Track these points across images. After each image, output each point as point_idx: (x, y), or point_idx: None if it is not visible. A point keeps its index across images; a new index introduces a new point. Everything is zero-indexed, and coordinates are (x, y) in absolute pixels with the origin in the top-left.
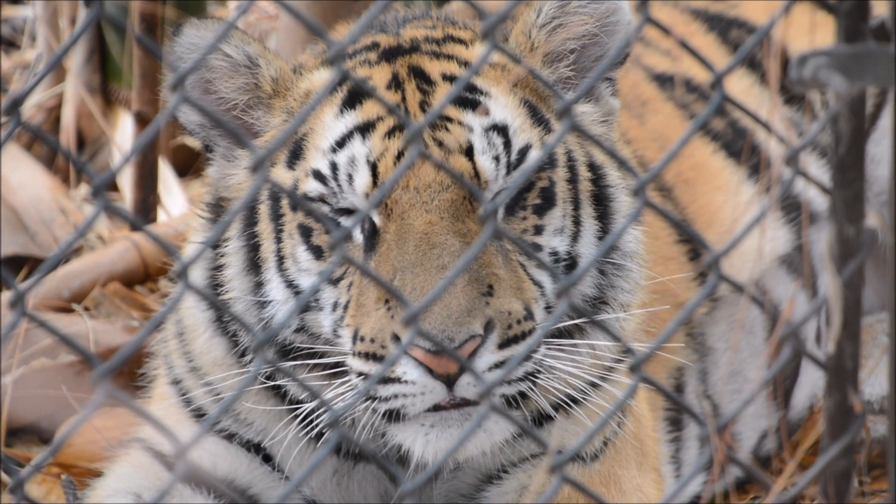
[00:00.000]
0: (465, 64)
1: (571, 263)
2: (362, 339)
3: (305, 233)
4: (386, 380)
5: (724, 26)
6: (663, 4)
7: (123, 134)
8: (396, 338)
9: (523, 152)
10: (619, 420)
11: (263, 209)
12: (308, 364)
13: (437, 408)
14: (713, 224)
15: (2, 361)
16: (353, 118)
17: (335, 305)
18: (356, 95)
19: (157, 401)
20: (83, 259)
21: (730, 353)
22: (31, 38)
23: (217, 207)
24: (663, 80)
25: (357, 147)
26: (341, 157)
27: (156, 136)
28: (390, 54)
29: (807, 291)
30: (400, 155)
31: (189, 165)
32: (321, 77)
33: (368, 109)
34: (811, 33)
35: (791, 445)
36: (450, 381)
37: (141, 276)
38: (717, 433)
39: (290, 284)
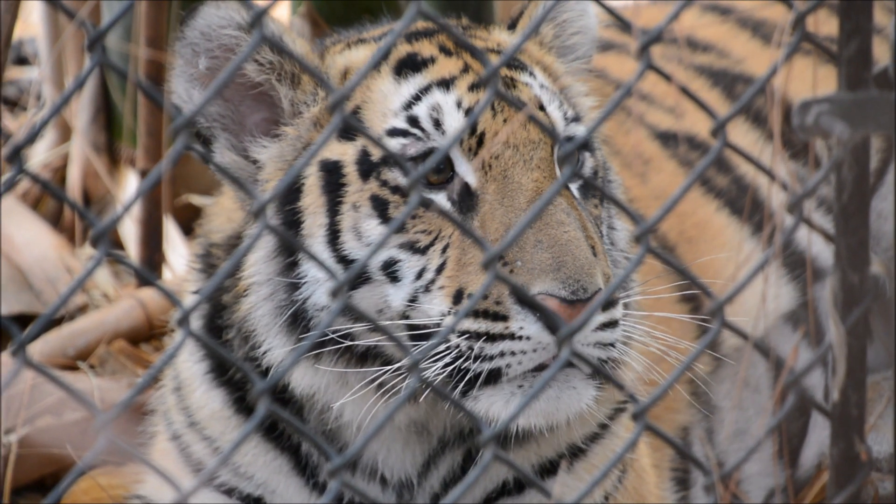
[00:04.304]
0: (496, 45)
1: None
2: (470, 297)
3: (380, 205)
4: (495, 336)
5: (729, 81)
6: (668, 61)
7: (129, 192)
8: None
9: (575, 119)
10: (619, 475)
11: (312, 182)
12: (339, 348)
13: (540, 367)
14: (716, 282)
15: (7, 420)
16: (421, 79)
17: (421, 272)
18: (413, 62)
19: (157, 457)
20: (88, 317)
21: (735, 411)
22: (37, 99)
23: (208, 257)
24: (667, 139)
25: (439, 97)
26: (421, 108)
27: (158, 182)
28: (422, 34)
29: (812, 348)
30: (493, 109)
31: (194, 223)
32: (359, 55)
33: (439, 69)
34: (814, 89)
35: (799, 502)
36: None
37: (146, 334)
38: (722, 481)
39: (343, 260)
